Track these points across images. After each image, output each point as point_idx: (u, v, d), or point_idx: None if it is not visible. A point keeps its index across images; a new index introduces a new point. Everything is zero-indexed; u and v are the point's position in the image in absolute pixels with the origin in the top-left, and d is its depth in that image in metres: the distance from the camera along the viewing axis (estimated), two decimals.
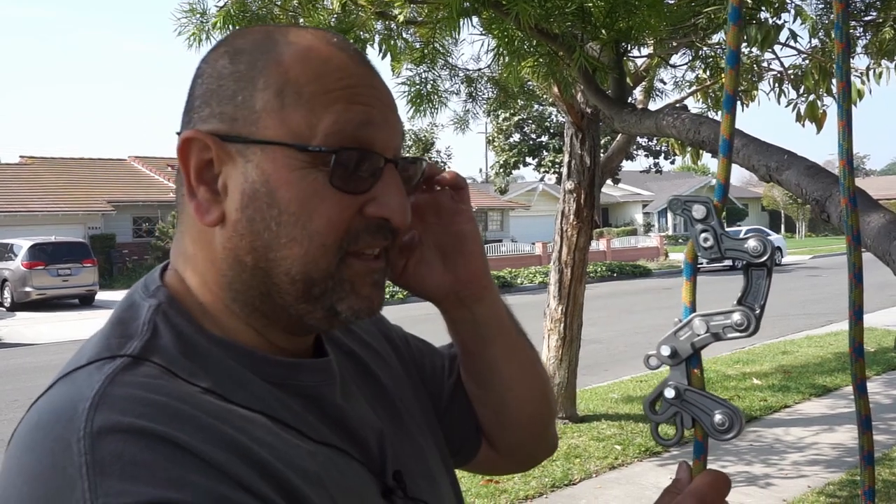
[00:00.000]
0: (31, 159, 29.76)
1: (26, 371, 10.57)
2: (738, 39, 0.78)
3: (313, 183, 0.68)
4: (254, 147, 0.68)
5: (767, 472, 5.28)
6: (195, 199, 0.70)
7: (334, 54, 0.71)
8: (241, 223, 0.69)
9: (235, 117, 0.69)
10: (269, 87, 0.69)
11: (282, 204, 0.67)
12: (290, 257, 0.68)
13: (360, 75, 0.71)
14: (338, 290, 0.70)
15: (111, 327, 0.70)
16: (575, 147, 6.48)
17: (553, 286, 6.63)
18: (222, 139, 0.69)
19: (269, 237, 0.68)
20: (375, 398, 0.83)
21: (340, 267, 0.70)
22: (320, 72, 0.69)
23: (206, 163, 0.70)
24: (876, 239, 1.56)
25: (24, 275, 18.66)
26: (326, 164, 0.68)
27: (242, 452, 0.60)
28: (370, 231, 0.70)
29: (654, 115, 2.27)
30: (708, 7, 2.76)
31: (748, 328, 0.72)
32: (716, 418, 0.73)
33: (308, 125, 0.68)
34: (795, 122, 5.11)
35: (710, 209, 0.74)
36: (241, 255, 0.69)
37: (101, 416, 0.57)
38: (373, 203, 0.70)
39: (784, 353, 9.75)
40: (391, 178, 0.72)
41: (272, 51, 0.70)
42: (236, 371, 0.69)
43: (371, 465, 0.74)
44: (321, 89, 0.69)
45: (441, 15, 2.47)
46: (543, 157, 34.31)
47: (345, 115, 0.68)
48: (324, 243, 0.68)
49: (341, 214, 0.69)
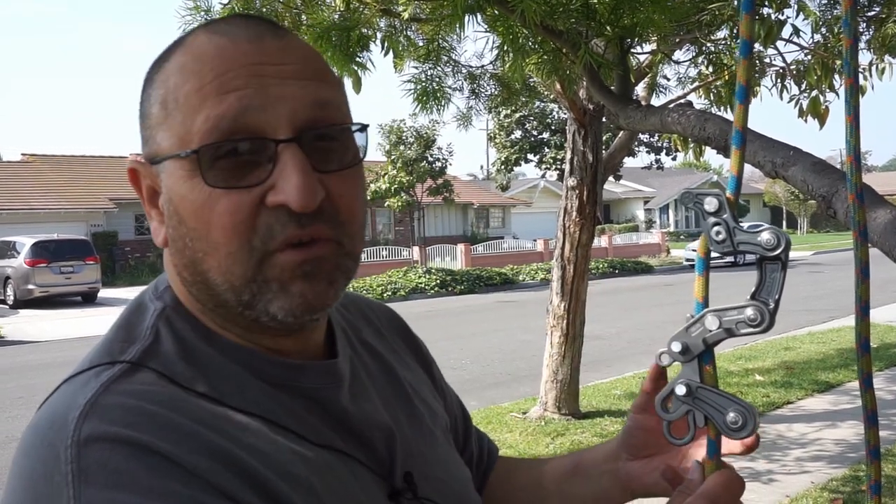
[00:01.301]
0: (33, 157, 29.75)
1: (30, 368, 10.59)
2: (751, 30, 0.76)
3: (201, 191, 0.64)
4: (160, 166, 0.68)
5: (770, 469, 5.29)
6: (152, 222, 0.72)
7: (211, 45, 0.66)
8: (170, 242, 0.70)
9: (146, 138, 0.70)
10: (156, 101, 0.68)
11: (186, 220, 0.66)
12: (210, 269, 0.67)
13: (235, 58, 0.65)
14: (265, 292, 0.66)
15: (117, 330, 0.71)
16: (577, 144, 6.48)
17: (556, 283, 6.63)
18: (150, 163, 0.69)
19: (189, 254, 0.68)
20: (394, 397, 0.83)
21: (262, 268, 0.66)
22: (193, 69, 0.66)
23: (150, 187, 0.71)
24: (882, 235, 1.56)
25: (26, 272, 18.67)
26: (206, 167, 0.64)
27: (229, 460, 0.61)
28: (281, 221, 0.64)
29: (659, 111, 2.27)
30: (712, 4, 2.76)
31: (762, 323, 0.70)
32: (729, 416, 0.70)
33: (186, 131, 0.65)
34: (798, 117, 5.10)
35: (723, 202, 0.72)
36: (182, 272, 0.70)
37: (89, 426, 0.59)
38: (272, 191, 0.64)
39: (786, 350, 9.74)
40: (289, 158, 0.64)
41: (163, 61, 0.69)
42: (237, 374, 0.69)
43: (377, 468, 0.74)
44: (193, 88, 0.65)
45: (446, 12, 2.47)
46: (545, 153, 34.27)
47: (216, 109, 0.63)
48: (229, 251, 0.65)
49: (236, 216, 0.64)
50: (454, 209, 34.04)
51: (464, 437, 0.99)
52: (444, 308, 16.68)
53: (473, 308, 16.81)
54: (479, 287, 20.70)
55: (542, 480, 0.96)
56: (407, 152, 22.27)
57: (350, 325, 0.85)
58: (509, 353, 10.50)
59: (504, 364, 9.83)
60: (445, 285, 20.12)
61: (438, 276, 20.49)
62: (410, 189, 22.20)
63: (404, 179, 21.59)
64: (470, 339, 11.95)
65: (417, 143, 22.35)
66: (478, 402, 7.48)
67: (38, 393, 8.86)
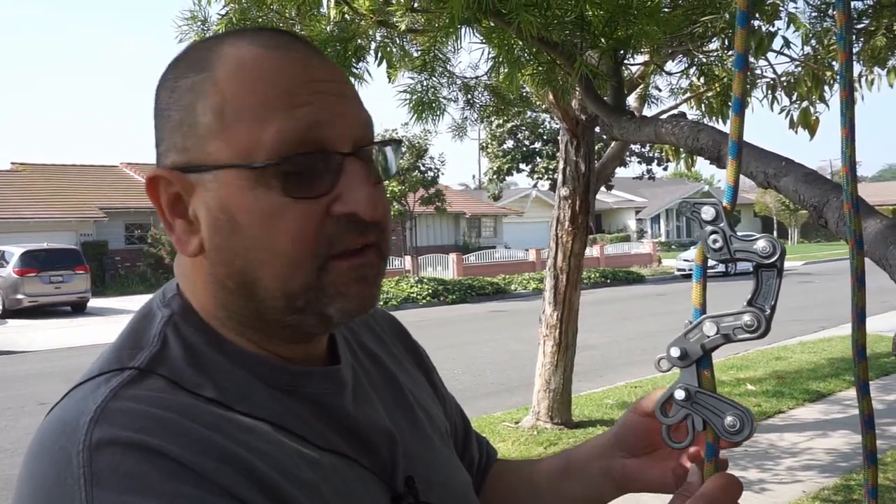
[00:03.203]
0: (22, 166, 29.61)
1: (19, 378, 10.51)
2: (747, 43, 0.79)
3: (269, 201, 0.67)
4: (207, 175, 0.68)
5: (762, 478, 5.30)
6: (174, 234, 0.71)
7: (267, 58, 0.69)
8: (213, 252, 0.70)
9: (186, 147, 0.69)
10: (208, 111, 0.68)
11: (244, 230, 0.67)
12: (265, 277, 0.68)
13: (297, 73, 0.69)
14: (322, 297, 0.69)
15: (125, 337, 0.72)
16: (570, 154, 6.51)
17: (548, 292, 6.64)
18: (183, 171, 0.69)
19: (240, 263, 0.68)
20: (395, 402, 0.85)
21: (320, 275, 0.68)
22: (255, 81, 0.68)
23: (174, 196, 0.70)
24: (873, 244, 1.58)
25: (15, 282, 18.56)
26: (277, 178, 0.66)
27: (238, 463, 0.62)
28: (344, 230, 0.68)
29: (652, 122, 2.30)
30: (704, 16, 2.79)
31: (759, 329, 0.72)
32: (727, 420, 0.72)
33: (252, 141, 0.66)
34: (788, 128, 5.14)
35: (720, 211, 0.74)
36: (223, 280, 0.70)
37: (101, 430, 0.60)
38: (338, 201, 0.68)
39: (778, 359, 9.78)
40: (354, 170, 0.69)
41: (207, 70, 0.69)
42: (244, 380, 0.70)
43: (380, 472, 0.75)
44: (259, 101, 0.67)
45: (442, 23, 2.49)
46: (537, 163, 34.40)
47: (288, 122, 0.66)
48: (294, 259, 0.67)
49: (306, 224, 0.67)
50: (446, 219, 34.06)
51: (464, 442, 1.00)
52: (436, 318, 16.67)
53: (465, 318, 16.81)
54: (471, 297, 20.71)
55: (534, 480, 0.98)
56: (399, 161, 22.24)
57: (351, 332, 0.87)
58: (501, 363, 10.50)
59: (496, 374, 9.83)
60: (437, 295, 20.12)
61: (430, 285, 20.50)
62: (402, 198, 22.20)
63: (396, 189, 21.58)
64: (462, 348, 11.94)
65: (409, 152, 22.37)
66: (470, 411, 7.40)
67: (28, 403, 8.80)
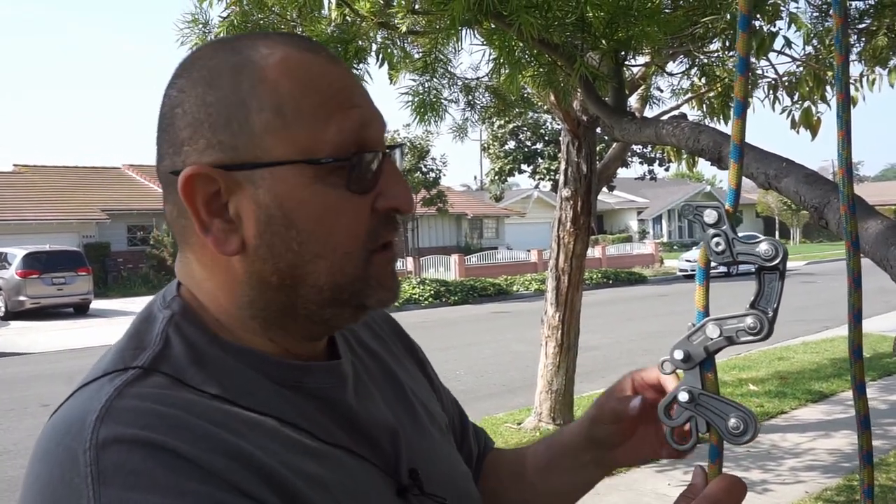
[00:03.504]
0: (24, 168, 29.66)
1: (21, 380, 10.53)
2: (748, 46, 0.79)
3: (326, 196, 0.69)
4: (262, 171, 0.68)
5: (765, 478, 5.30)
6: (210, 234, 0.70)
7: (312, 60, 0.72)
8: (262, 248, 0.69)
9: (235, 145, 0.68)
10: (264, 108, 0.68)
11: (300, 224, 0.69)
12: (316, 272, 0.70)
13: (340, 76, 0.72)
14: (366, 289, 0.73)
15: (127, 339, 0.72)
16: (571, 154, 6.51)
17: (550, 293, 6.64)
18: (227, 169, 0.69)
19: (292, 257, 0.69)
20: (395, 397, 0.86)
21: (366, 267, 0.72)
22: (308, 81, 0.70)
23: (213, 195, 0.69)
24: (874, 245, 1.58)
25: (18, 284, 18.58)
26: (339, 174, 0.69)
27: (244, 459, 0.62)
28: (384, 225, 0.73)
29: (653, 123, 2.30)
30: (705, 17, 2.80)
31: (761, 332, 0.72)
32: (730, 422, 0.73)
33: (314, 139, 0.68)
34: (790, 129, 5.13)
35: (722, 214, 0.74)
36: (265, 277, 0.70)
37: (106, 429, 0.60)
38: (381, 197, 0.72)
39: (780, 360, 9.77)
40: (390, 168, 0.74)
41: (251, 67, 0.70)
42: (248, 376, 0.71)
43: (384, 465, 0.76)
44: (318, 100, 0.69)
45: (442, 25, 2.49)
46: (538, 164, 34.36)
47: (346, 122, 0.70)
48: (347, 251, 0.71)
49: (359, 219, 0.71)
50: (448, 220, 34.06)
51: (461, 435, 1.02)
52: (439, 319, 16.66)
53: (467, 319, 16.81)
54: (473, 298, 20.70)
55: (523, 470, 1.00)
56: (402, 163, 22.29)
57: (350, 330, 0.88)
58: (504, 364, 10.50)
59: (498, 375, 9.83)
60: (439, 296, 20.11)
61: (432, 286, 20.48)
62: None
63: None
64: (464, 349, 11.94)
65: (411, 153, 22.37)
66: (472, 412, 7.40)
67: (30, 405, 8.81)
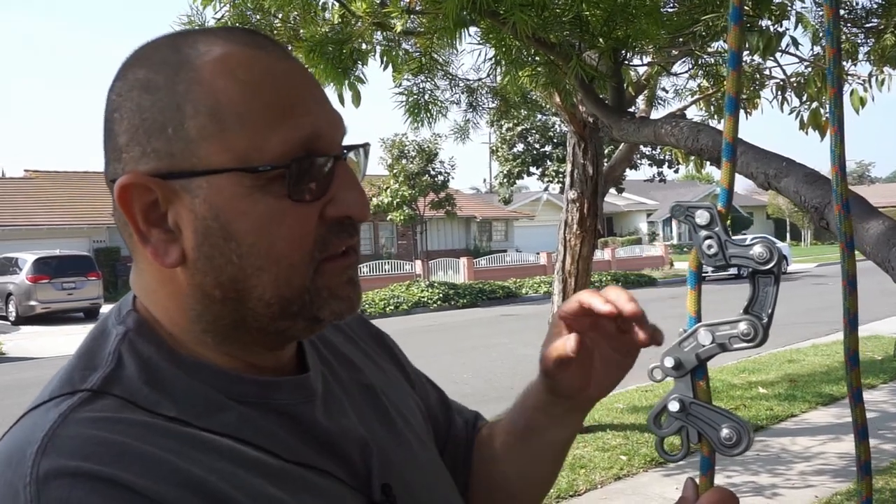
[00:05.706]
0: (35, 173, 29.87)
1: (30, 385, 10.56)
2: (740, 41, 0.76)
3: (267, 205, 0.65)
4: (198, 180, 0.64)
5: (774, 483, 5.24)
6: (149, 245, 0.67)
7: (256, 57, 0.67)
8: (201, 261, 0.66)
9: (172, 152, 0.65)
10: (199, 113, 0.64)
11: (239, 236, 0.65)
12: (260, 285, 0.66)
13: (290, 75, 0.67)
14: (316, 300, 0.68)
15: (77, 358, 0.68)
16: (577, 156, 6.48)
17: (557, 296, 6.61)
18: (163, 177, 0.65)
19: (232, 270, 0.66)
20: (368, 407, 0.82)
21: (315, 277, 0.68)
22: (250, 82, 0.65)
23: (151, 204, 0.66)
24: (875, 246, 1.55)
25: (28, 289, 18.69)
26: (279, 182, 0.64)
27: (198, 487, 0.59)
28: (336, 232, 0.68)
29: (652, 123, 2.26)
30: (706, 15, 2.76)
31: (755, 338, 0.70)
32: (723, 433, 0.70)
33: (253, 146, 0.64)
34: (799, 129, 5.09)
35: (714, 215, 0.71)
36: (208, 290, 0.67)
37: (48, 461, 0.57)
38: (331, 204, 0.68)
39: (790, 362, 9.69)
40: (344, 173, 0.69)
41: (187, 68, 0.65)
42: (205, 394, 0.67)
43: (354, 482, 0.72)
44: (261, 103, 0.65)
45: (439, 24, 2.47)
46: (547, 166, 34.33)
47: (294, 132, 0.65)
48: (292, 263, 0.66)
49: (304, 228, 0.66)
50: (457, 223, 34.06)
51: (446, 421, 0.98)
52: (447, 322, 16.64)
53: (476, 322, 16.77)
54: (481, 301, 20.67)
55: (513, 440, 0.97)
56: (409, 166, 22.31)
57: (319, 337, 0.84)
58: (512, 367, 10.46)
59: (507, 378, 9.78)
60: (448, 299, 20.09)
61: (441, 289, 20.47)
62: (413, 203, 22.21)
63: (406, 193, 21.60)
64: (472, 352, 11.91)
65: (419, 156, 22.39)
66: None
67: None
